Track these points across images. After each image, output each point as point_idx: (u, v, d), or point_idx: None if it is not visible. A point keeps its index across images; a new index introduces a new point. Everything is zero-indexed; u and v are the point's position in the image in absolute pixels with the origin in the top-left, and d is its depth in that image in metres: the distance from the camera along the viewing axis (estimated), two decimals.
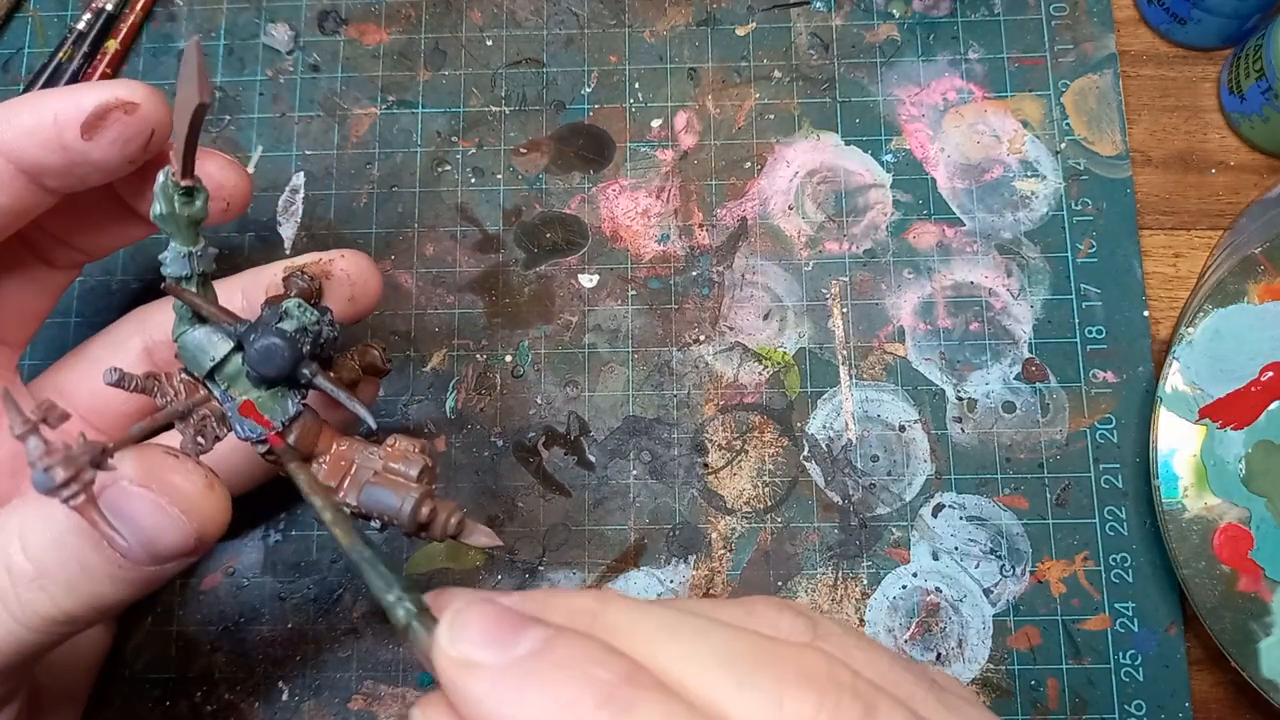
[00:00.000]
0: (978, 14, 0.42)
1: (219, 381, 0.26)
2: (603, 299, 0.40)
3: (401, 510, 0.26)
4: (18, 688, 0.28)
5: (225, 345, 0.26)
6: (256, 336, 0.25)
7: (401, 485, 0.26)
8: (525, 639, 0.19)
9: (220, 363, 0.26)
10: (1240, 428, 0.35)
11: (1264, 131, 0.39)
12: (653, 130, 0.42)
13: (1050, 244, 0.40)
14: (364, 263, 0.31)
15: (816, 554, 0.37)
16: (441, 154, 0.41)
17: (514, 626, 0.19)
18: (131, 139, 0.27)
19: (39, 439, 0.20)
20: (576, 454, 0.38)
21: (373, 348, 0.30)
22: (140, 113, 0.27)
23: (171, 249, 0.26)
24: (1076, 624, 0.36)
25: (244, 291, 0.32)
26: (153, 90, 0.27)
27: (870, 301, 0.39)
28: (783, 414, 0.39)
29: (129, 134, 0.27)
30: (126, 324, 0.33)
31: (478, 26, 0.43)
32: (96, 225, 0.31)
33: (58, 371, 0.33)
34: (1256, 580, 0.34)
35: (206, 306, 0.26)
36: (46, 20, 0.43)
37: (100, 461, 0.21)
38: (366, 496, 0.26)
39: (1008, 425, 0.38)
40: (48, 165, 0.27)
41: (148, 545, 0.23)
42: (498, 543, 0.27)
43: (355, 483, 0.26)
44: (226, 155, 0.29)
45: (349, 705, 0.36)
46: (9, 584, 0.23)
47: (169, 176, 0.25)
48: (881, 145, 0.41)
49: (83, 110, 0.26)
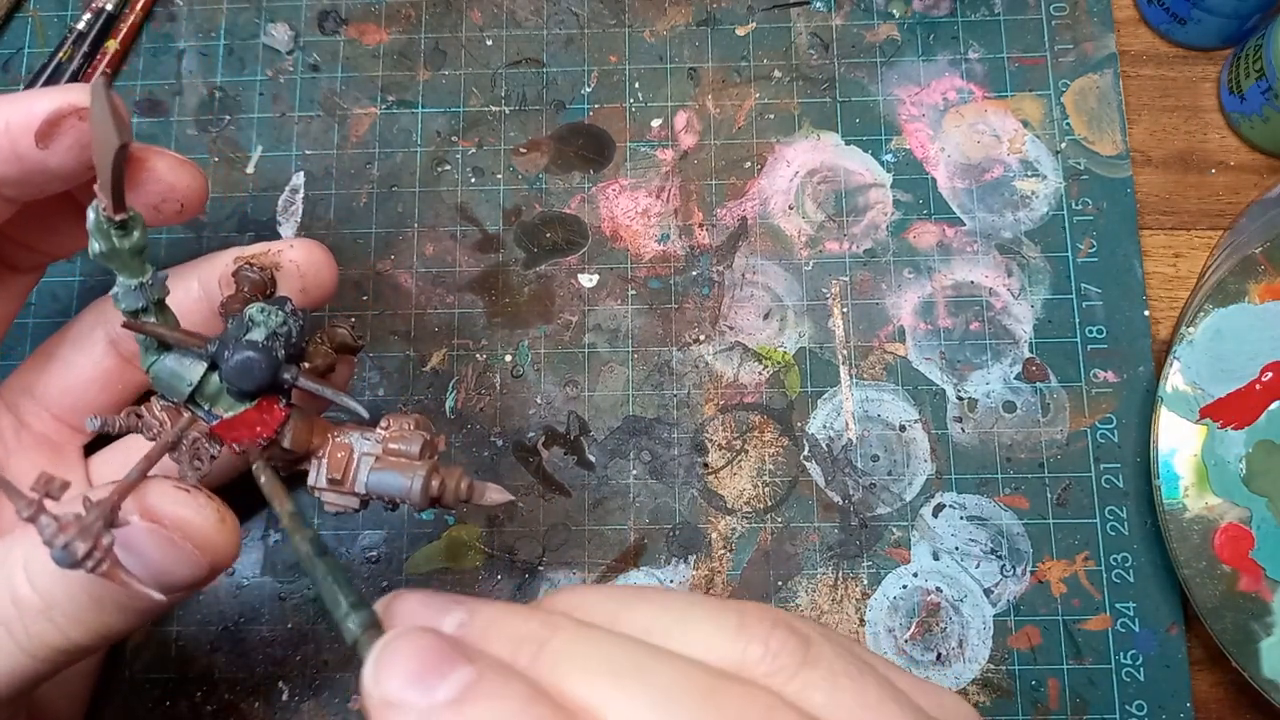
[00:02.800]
0: (978, 14, 0.42)
1: (200, 403, 0.26)
2: (603, 299, 0.40)
3: (411, 490, 0.26)
4: (19, 711, 0.27)
5: (199, 367, 0.25)
6: (230, 353, 0.25)
7: (406, 465, 0.26)
8: (448, 682, 0.18)
9: (198, 385, 0.25)
10: (1241, 427, 0.35)
11: (1264, 131, 0.39)
12: (653, 130, 0.41)
13: (1050, 244, 0.40)
14: (315, 252, 0.30)
15: (817, 554, 0.37)
16: (441, 154, 0.41)
17: (438, 665, 0.18)
18: (88, 145, 0.26)
19: (49, 517, 0.20)
20: (576, 454, 0.38)
21: (339, 326, 0.29)
22: None
23: (120, 284, 0.25)
24: (1077, 624, 0.36)
25: (200, 282, 0.31)
26: None
27: (870, 301, 0.39)
28: (783, 414, 0.39)
29: (85, 140, 0.26)
30: (87, 316, 0.32)
31: (478, 26, 0.43)
32: (58, 228, 0.30)
33: (25, 373, 0.32)
34: (1257, 580, 0.34)
35: (171, 334, 0.25)
36: (46, 20, 0.43)
37: (113, 520, 0.21)
38: (374, 482, 0.26)
39: (1008, 425, 0.38)
40: (4, 175, 0.26)
41: (160, 579, 0.23)
42: (509, 498, 0.27)
43: (360, 471, 0.26)
44: (176, 155, 0.28)
45: (349, 705, 0.36)
46: (15, 615, 0.23)
47: (100, 213, 0.24)
48: (881, 145, 0.41)
49: (35, 118, 0.25)
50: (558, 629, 0.19)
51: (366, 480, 0.26)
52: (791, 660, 0.19)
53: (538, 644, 0.19)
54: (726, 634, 0.19)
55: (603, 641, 0.19)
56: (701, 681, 0.18)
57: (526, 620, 0.19)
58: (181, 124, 0.42)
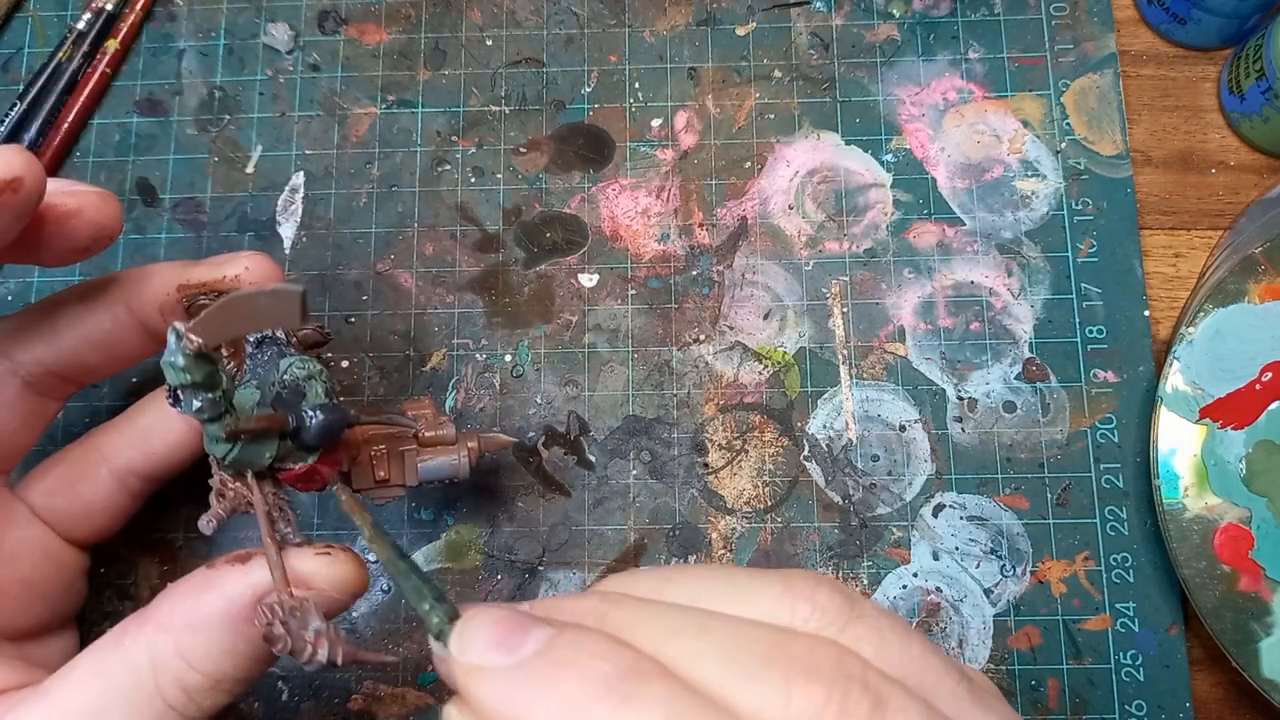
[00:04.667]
0: (978, 14, 0.42)
1: (272, 464, 0.27)
2: (603, 298, 0.40)
3: (460, 469, 0.30)
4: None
5: (274, 440, 0.27)
6: (309, 420, 0.27)
7: (446, 449, 0.30)
8: (530, 640, 0.19)
9: None
10: (1241, 427, 0.35)
11: (1264, 131, 0.39)
12: (653, 130, 0.41)
13: (1050, 244, 0.40)
14: (267, 265, 0.30)
15: (817, 554, 0.37)
16: (441, 154, 0.41)
17: (519, 629, 0.19)
18: (20, 215, 0.25)
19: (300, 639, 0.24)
20: (576, 454, 0.38)
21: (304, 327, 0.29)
22: (26, 189, 0.25)
23: (202, 399, 0.25)
24: (1077, 624, 0.36)
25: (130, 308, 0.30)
26: (29, 158, 0.25)
27: (870, 301, 0.39)
28: (783, 414, 0.38)
29: (20, 212, 0.25)
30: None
31: (478, 26, 0.43)
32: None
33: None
34: (1257, 580, 0.34)
35: (260, 426, 0.26)
36: (46, 20, 0.43)
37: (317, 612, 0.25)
38: (425, 473, 0.30)
39: (1008, 425, 0.38)
40: None
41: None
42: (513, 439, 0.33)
43: (407, 466, 0.30)
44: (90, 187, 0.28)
45: (349, 705, 0.36)
46: (187, 699, 0.25)
47: (182, 349, 0.24)
48: (882, 145, 0.41)
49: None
50: (616, 603, 0.20)
51: (420, 471, 0.29)
52: (839, 616, 0.20)
53: (599, 616, 0.20)
54: (774, 595, 0.20)
55: (661, 608, 0.20)
56: (766, 636, 0.19)
57: (585, 599, 0.20)
58: (181, 124, 0.42)
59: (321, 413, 0.27)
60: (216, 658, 0.25)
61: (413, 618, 0.37)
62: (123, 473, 0.32)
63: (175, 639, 0.25)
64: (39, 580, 0.31)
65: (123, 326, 0.30)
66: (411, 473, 0.30)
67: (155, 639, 0.25)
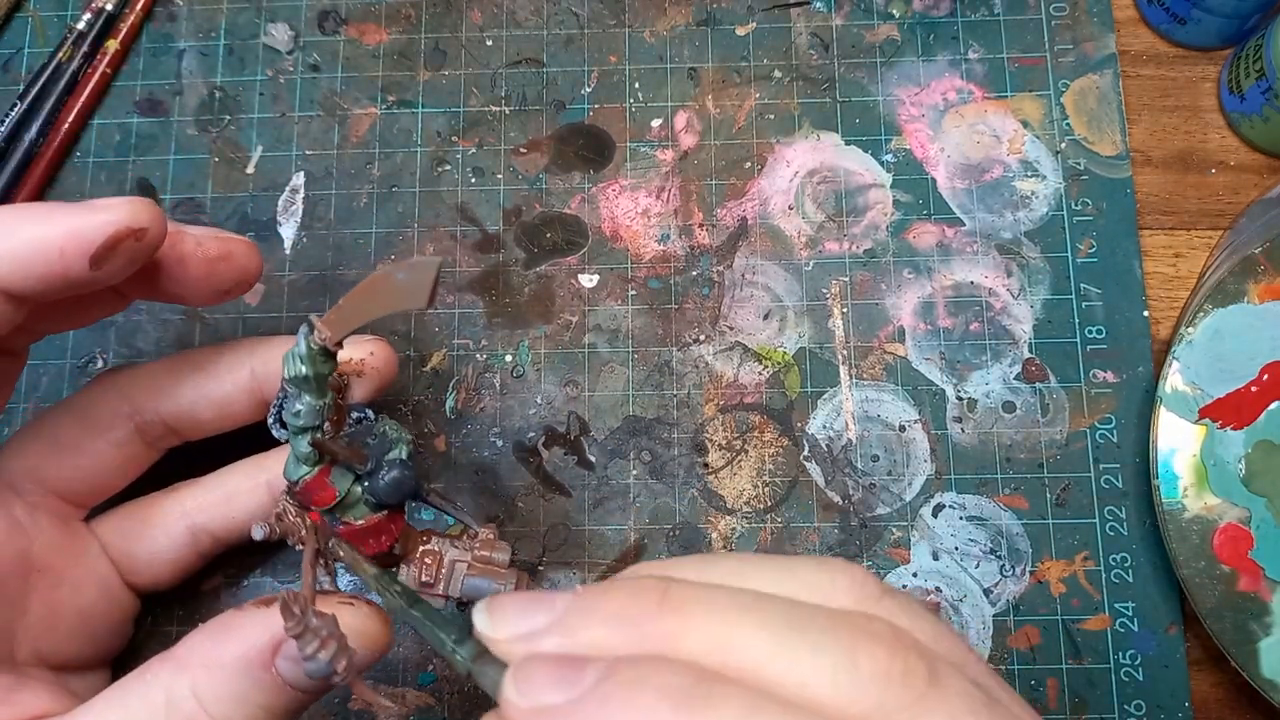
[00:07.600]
0: (978, 14, 0.42)
1: (335, 512, 0.28)
2: (603, 299, 0.40)
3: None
4: None
5: (348, 481, 0.28)
6: (385, 471, 0.27)
7: (496, 573, 0.30)
8: (590, 670, 0.19)
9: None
10: (1240, 428, 0.35)
11: (1264, 131, 0.39)
12: (653, 130, 0.42)
13: (1050, 244, 0.40)
14: (388, 353, 0.32)
15: (816, 554, 0.37)
16: (441, 154, 0.41)
17: (576, 665, 0.19)
18: (137, 260, 0.26)
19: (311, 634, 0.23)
20: (576, 454, 0.38)
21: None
22: (149, 237, 0.26)
23: (306, 404, 0.26)
24: (1076, 624, 0.36)
25: (254, 372, 0.31)
26: (155, 210, 0.26)
27: (870, 301, 0.39)
28: (783, 414, 0.39)
29: (138, 258, 0.26)
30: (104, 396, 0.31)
31: (478, 26, 0.43)
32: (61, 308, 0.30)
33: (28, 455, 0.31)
34: (1256, 580, 0.34)
35: (344, 453, 0.27)
36: (46, 20, 0.43)
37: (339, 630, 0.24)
38: (468, 587, 0.30)
39: (1008, 425, 0.38)
40: (44, 292, 0.25)
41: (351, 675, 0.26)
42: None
43: (453, 576, 0.30)
44: (239, 238, 0.30)
45: (349, 705, 0.36)
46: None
47: (309, 341, 0.25)
48: (881, 145, 0.41)
49: (91, 244, 0.25)
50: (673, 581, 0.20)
51: (462, 585, 0.30)
52: (875, 589, 0.20)
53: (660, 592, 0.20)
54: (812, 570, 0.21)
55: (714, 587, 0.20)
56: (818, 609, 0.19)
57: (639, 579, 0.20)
58: (181, 124, 0.42)
59: (399, 469, 0.28)
60: (228, 702, 0.25)
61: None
62: (198, 530, 0.33)
63: (192, 678, 0.25)
64: (95, 615, 0.32)
65: (241, 389, 0.32)
66: (456, 585, 0.30)
67: (174, 678, 0.25)
